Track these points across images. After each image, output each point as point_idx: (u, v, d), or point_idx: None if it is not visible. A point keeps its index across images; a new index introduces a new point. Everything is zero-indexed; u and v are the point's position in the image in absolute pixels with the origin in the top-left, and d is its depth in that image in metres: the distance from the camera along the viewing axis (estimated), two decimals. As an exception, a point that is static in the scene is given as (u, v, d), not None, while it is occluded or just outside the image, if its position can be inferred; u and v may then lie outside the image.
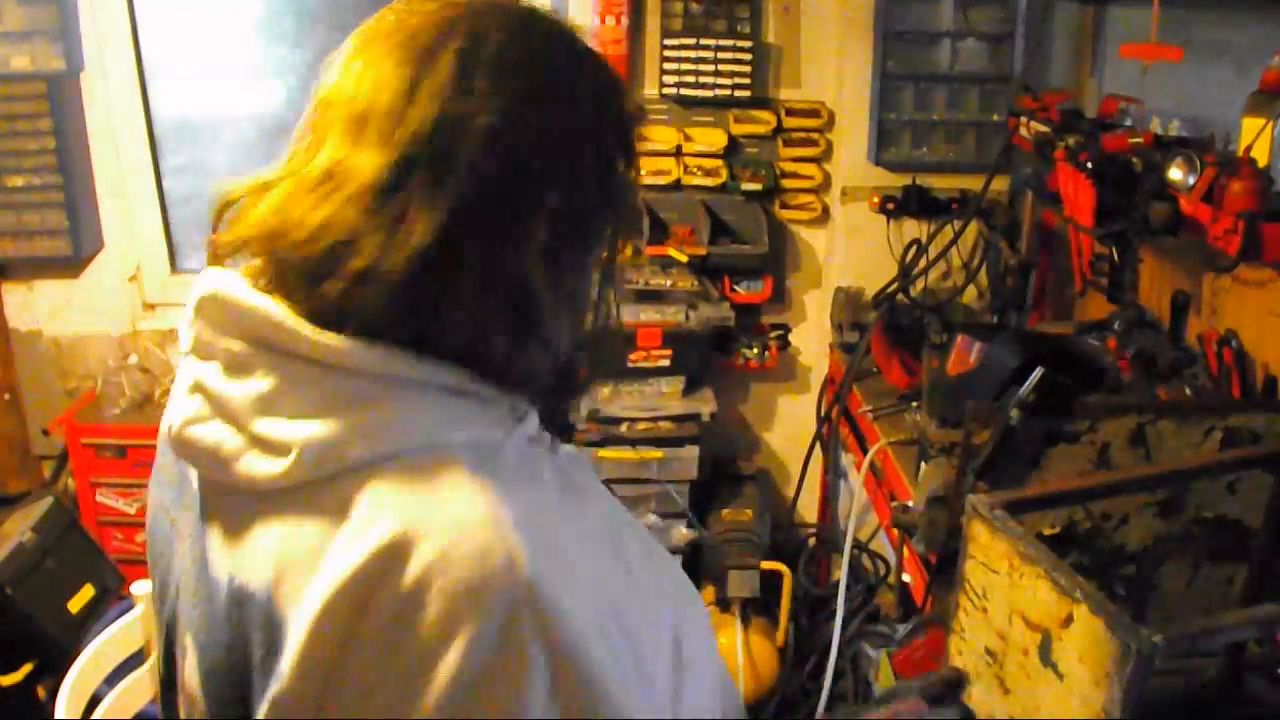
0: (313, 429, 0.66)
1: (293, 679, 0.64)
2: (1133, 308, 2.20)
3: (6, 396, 2.98)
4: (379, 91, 0.70)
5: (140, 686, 1.75)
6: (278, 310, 0.68)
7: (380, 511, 0.64)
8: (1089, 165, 2.02)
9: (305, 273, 0.68)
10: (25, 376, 3.07)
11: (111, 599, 2.60)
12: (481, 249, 0.69)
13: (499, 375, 0.71)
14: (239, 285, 0.71)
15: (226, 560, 0.71)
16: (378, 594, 0.62)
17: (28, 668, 2.37)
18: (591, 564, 0.68)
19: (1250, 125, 1.80)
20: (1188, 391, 1.95)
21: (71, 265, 3.04)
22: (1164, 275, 2.21)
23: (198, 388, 0.72)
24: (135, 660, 1.76)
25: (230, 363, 0.70)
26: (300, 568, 0.65)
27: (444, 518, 0.64)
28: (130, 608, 1.77)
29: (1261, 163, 1.75)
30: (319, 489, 0.66)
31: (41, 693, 2.38)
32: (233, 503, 0.71)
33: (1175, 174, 1.83)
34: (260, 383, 0.68)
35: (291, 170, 0.73)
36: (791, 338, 3.21)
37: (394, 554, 0.63)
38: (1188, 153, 1.82)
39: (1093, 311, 2.44)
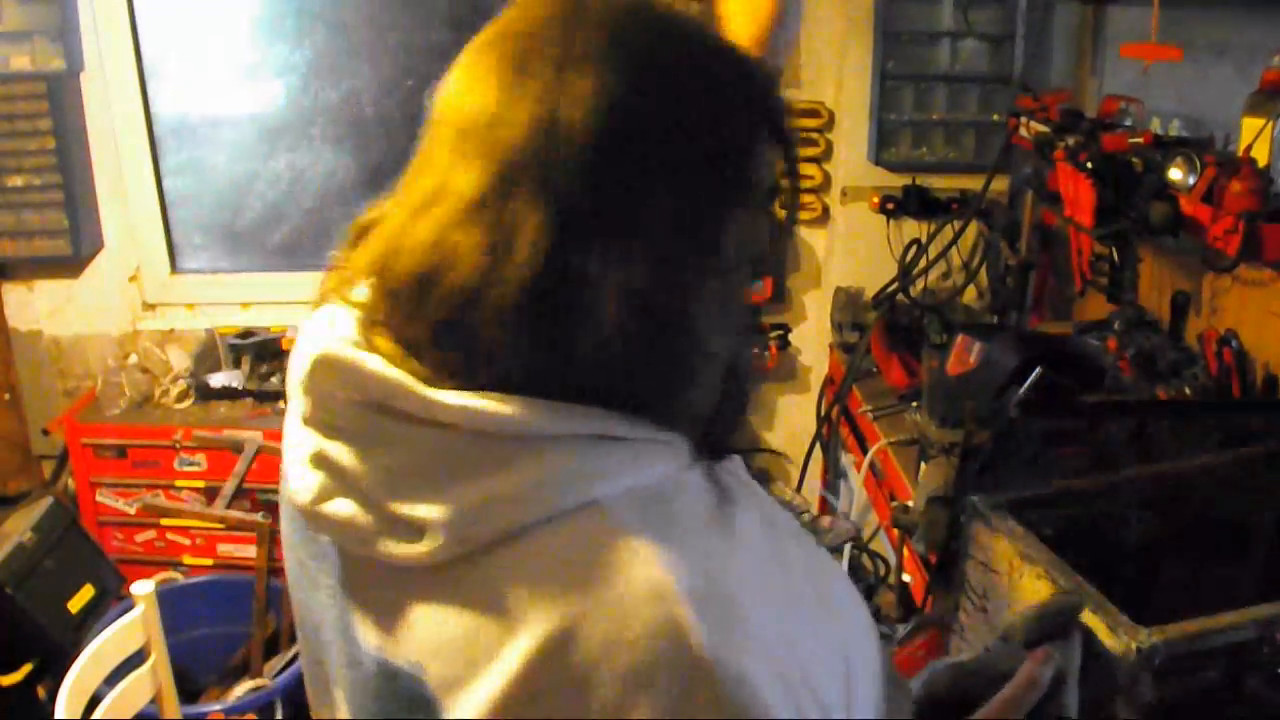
0: (449, 505, 0.60)
1: None
2: (1133, 308, 2.20)
3: (6, 396, 2.98)
4: (477, 101, 0.64)
5: (140, 686, 1.75)
6: (395, 373, 0.62)
7: (536, 601, 0.59)
8: (1089, 165, 2.02)
9: (412, 306, 0.63)
10: (25, 376, 3.07)
11: (111, 599, 2.60)
12: (600, 261, 0.61)
13: (649, 410, 0.64)
14: (349, 345, 0.65)
15: (373, 635, 0.66)
16: (546, 691, 0.58)
17: (28, 668, 2.37)
18: (765, 610, 0.62)
19: (1250, 125, 1.80)
20: (1188, 391, 1.95)
21: (71, 265, 3.04)
22: (1164, 275, 2.21)
23: (321, 461, 0.66)
24: (135, 660, 1.76)
25: (353, 434, 0.64)
26: (454, 658, 0.61)
27: (605, 598, 0.58)
28: (130, 608, 1.77)
29: (1261, 163, 1.75)
30: (465, 567, 0.61)
31: (41, 693, 2.38)
32: (375, 576, 0.66)
33: (1175, 174, 1.83)
34: (388, 456, 0.63)
35: (404, 195, 0.67)
36: (791, 338, 3.21)
37: (559, 648, 0.58)
38: (1188, 153, 1.82)
39: (1093, 311, 2.44)
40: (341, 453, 0.64)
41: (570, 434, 0.61)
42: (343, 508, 0.64)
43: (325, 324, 0.68)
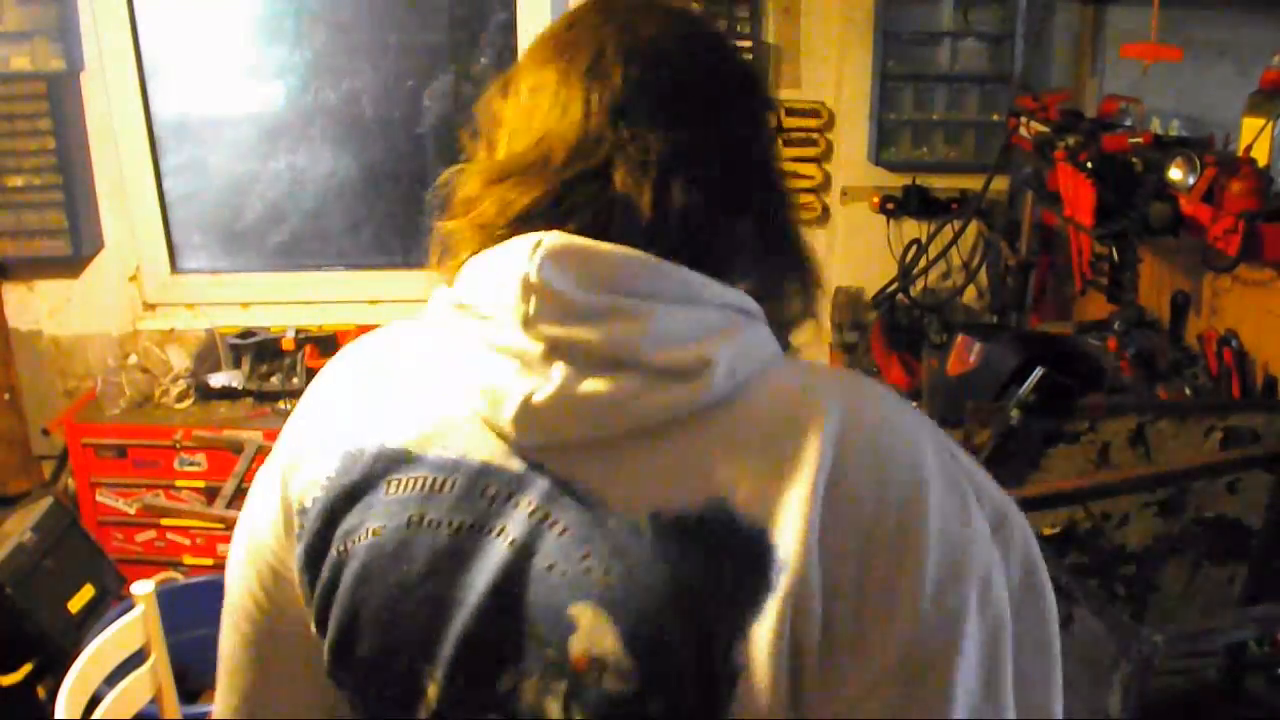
0: (717, 349, 0.68)
1: (798, 573, 0.64)
2: (1133, 308, 2.20)
3: (6, 396, 2.98)
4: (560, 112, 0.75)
5: (140, 686, 1.75)
6: (636, 252, 0.69)
7: (808, 407, 0.68)
8: (1089, 165, 2.02)
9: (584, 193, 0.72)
10: (25, 376, 3.07)
11: (111, 599, 2.60)
12: (705, 173, 0.73)
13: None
14: (578, 239, 0.70)
15: (631, 501, 0.68)
16: (852, 467, 0.66)
17: (28, 668, 2.37)
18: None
19: (1250, 125, 1.80)
20: (1188, 391, 1.95)
21: (71, 265, 3.04)
22: (1164, 275, 2.21)
23: (561, 349, 0.68)
24: (135, 660, 1.76)
25: (600, 314, 0.68)
26: (760, 471, 0.66)
27: (859, 390, 0.72)
28: (130, 608, 1.77)
29: (1261, 163, 1.76)
30: (725, 407, 0.69)
31: (41, 693, 2.38)
32: (592, 454, 0.70)
33: (1175, 174, 1.83)
34: (642, 325, 0.68)
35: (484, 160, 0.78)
36: (792, 338, 3.20)
37: (851, 426, 0.68)
38: (1188, 153, 1.82)
39: (1093, 311, 2.44)
40: (591, 333, 0.68)
41: (753, 312, 0.75)
42: (597, 385, 0.68)
43: (503, 252, 0.71)
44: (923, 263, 2.85)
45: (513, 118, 0.77)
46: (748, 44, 2.94)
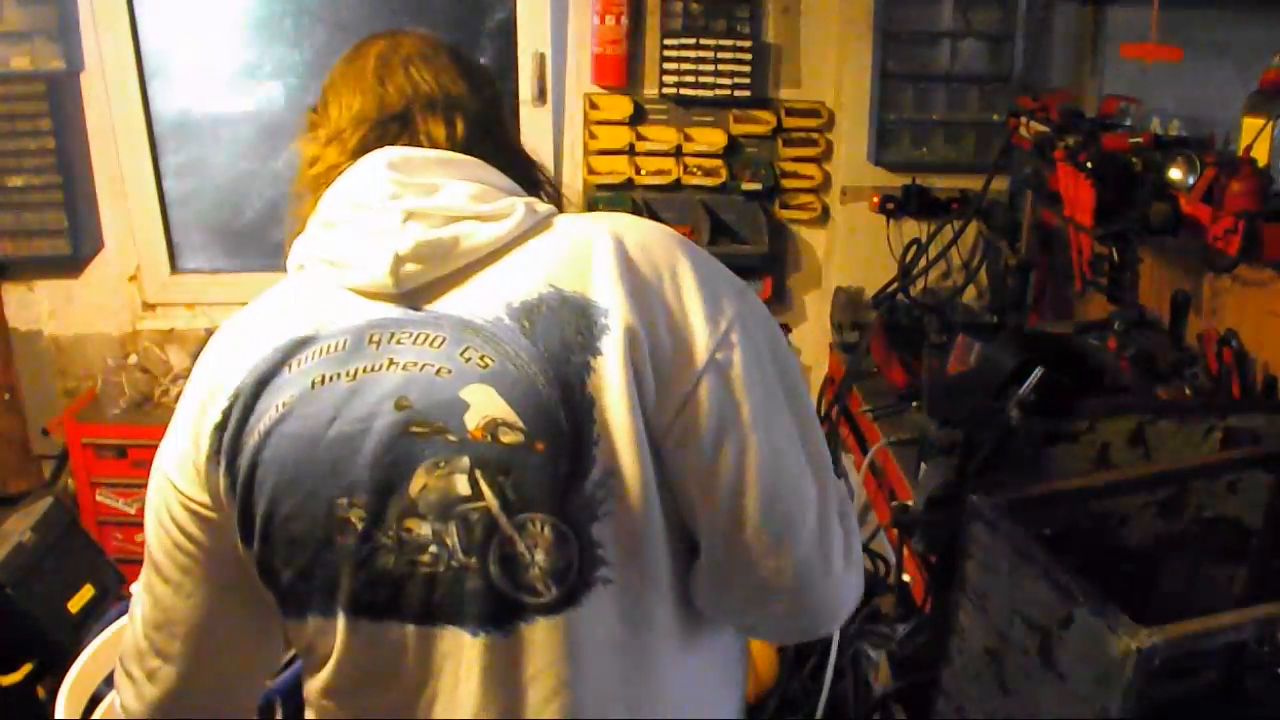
0: (516, 204, 0.97)
1: (620, 313, 0.90)
2: (1133, 308, 2.20)
3: (6, 396, 2.98)
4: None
5: (140, 686, 1.74)
6: (445, 152, 1.02)
7: (593, 229, 0.96)
8: (1089, 165, 2.02)
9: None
10: (25, 376, 3.07)
11: (111, 599, 2.60)
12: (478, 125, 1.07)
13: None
14: (406, 152, 1.00)
15: (487, 305, 0.93)
16: (630, 251, 0.94)
17: (28, 668, 2.36)
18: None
19: (1250, 125, 1.80)
20: (1188, 391, 1.95)
21: (71, 265, 3.04)
22: (1164, 275, 2.21)
23: (407, 220, 0.94)
24: (135, 660, 1.75)
25: (437, 181, 0.97)
26: (571, 270, 0.93)
27: (621, 217, 1.00)
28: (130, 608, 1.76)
29: (1261, 163, 1.75)
30: (532, 234, 0.97)
31: (41, 693, 2.38)
32: (450, 284, 0.95)
33: (1175, 174, 1.83)
34: (465, 188, 0.97)
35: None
36: (791, 338, 3.21)
37: (625, 228, 0.97)
38: (1188, 153, 1.82)
39: (1093, 311, 2.44)
40: (430, 201, 0.96)
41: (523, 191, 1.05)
42: (443, 233, 0.94)
43: (354, 170, 1.00)
44: (923, 263, 2.85)
45: (334, 106, 1.07)
46: (748, 44, 2.94)
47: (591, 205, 3.02)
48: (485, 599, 0.89)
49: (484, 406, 0.89)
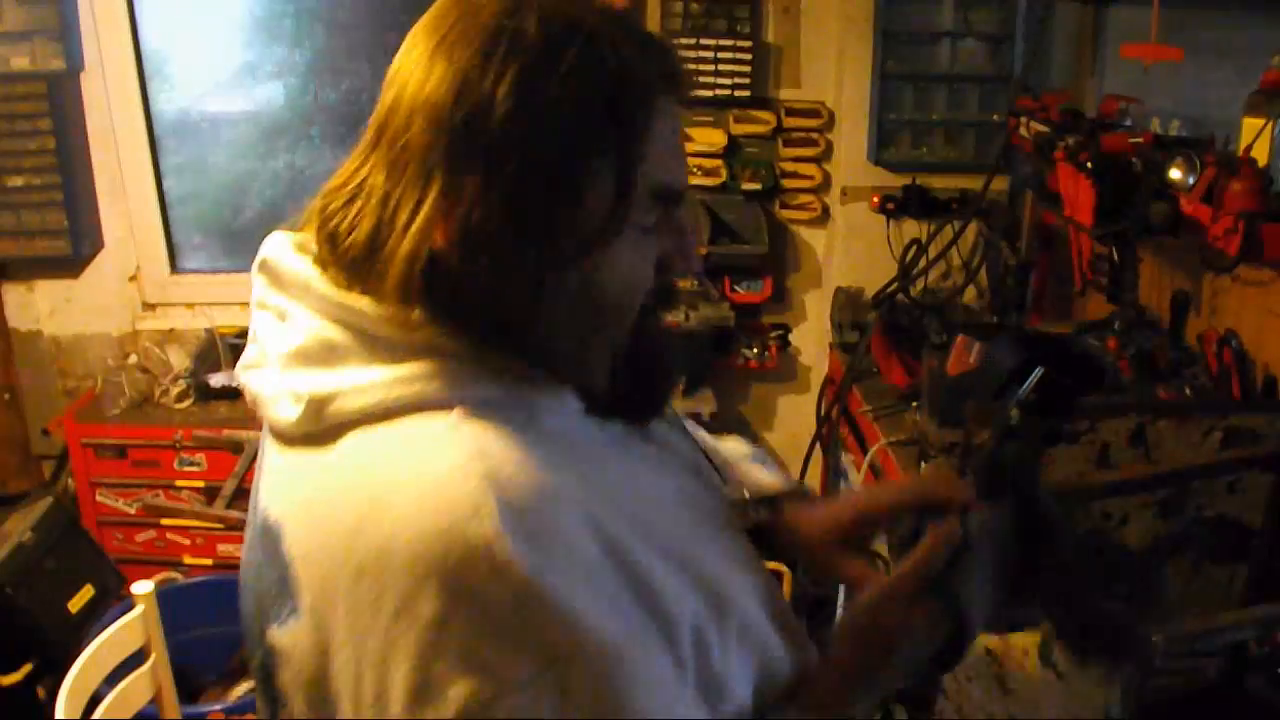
0: (321, 381, 0.74)
1: (307, 621, 0.71)
2: (1133, 308, 2.20)
3: (6, 396, 2.98)
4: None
5: (140, 686, 1.75)
6: (307, 269, 0.78)
7: (361, 467, 0.71)
8: (1089, 165, 2.02)
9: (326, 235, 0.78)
10: (25, 376, 3.07)
11: (111, 599, 2.60)
12: (444, 214, 0.73)
13: (511, 345, 0.76)
14: (286, 248, 0.80)
15: (262, 492, 0.79)
16: (359, 547, 0.68)
17: (28, 668, 2.37)
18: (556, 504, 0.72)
19: (1250, 125, 1.80)
20: (1188, 391, 1.95)
21: (71, 265, 3.04)
22: (1164, 275, 2.21)
23: (255, 336, 0.81)
24: (135, 660, 1.76)
25: (277, 314, 0.79)
26: (307, 523, 0.72)
27: (418, 473, 0.69)
28: (130, 608, 1.77)
29: (1261, 163, 1.75)
30: (323, 437, 0.73)
31: (41, 693, 2.38)
32: (275, 440, 0.79)
33: (1175, 174, 1.83)
34: (292, 335, 0.76)
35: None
36: (791, 338, 3.21)
37: (373, 508, 0.68)
38: (1188, 153, 1.82)
39: (1093, 311, 2.44)
40: (269, 329, 0.79)
41: (430, 346, 0.74)
42: (259, 375, 0.79)
43: (272, 239, 0.83)
44: (923, 263, 2.85)
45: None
46: (748, 44, 2.94)
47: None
48: None
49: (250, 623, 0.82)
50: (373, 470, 0.70)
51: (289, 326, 0.77)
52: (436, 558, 0.65)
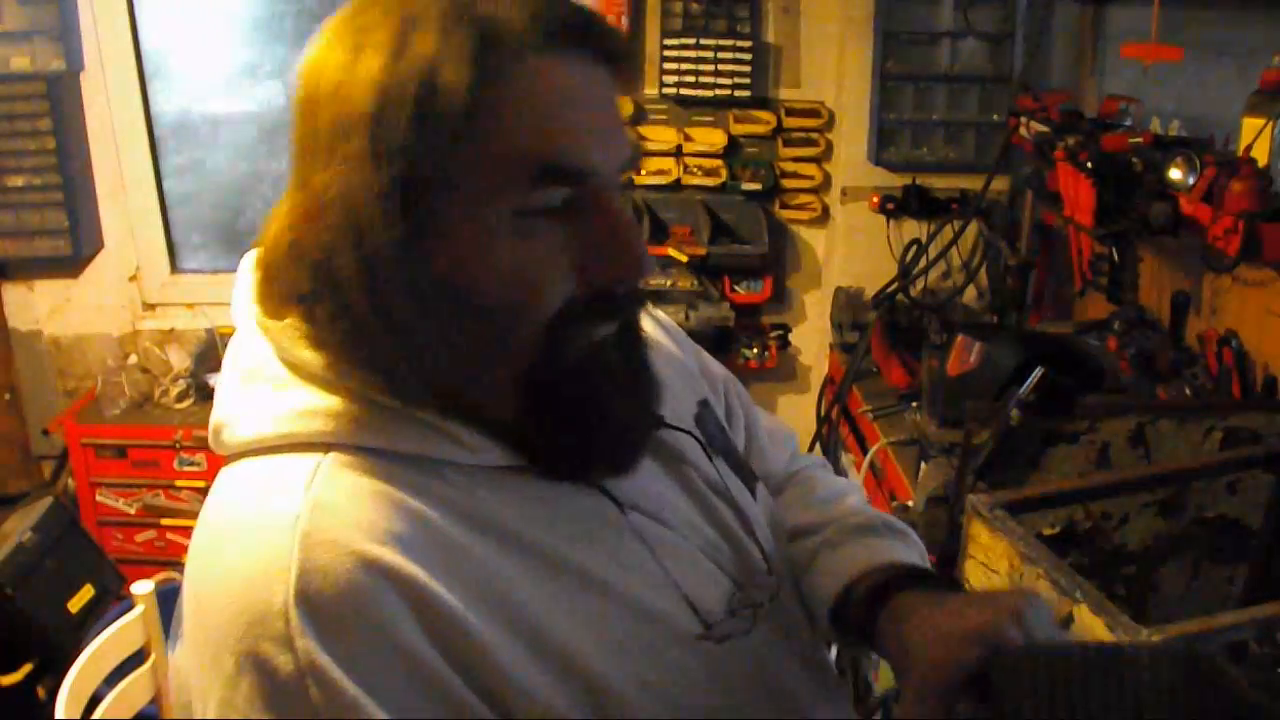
0: (226, 406, 0.73)
1: (179, 650, 0.71)
2: (1133, 308, 2.20)
3: (6, 396, 2.98)
4: None
5: (140, 686, 1.75)
6: (243, 292, 0.75)
7: (218, 504, 0.70)
8: (1089, 165, 2.02)
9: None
10: (25, 376, 3.06)
11: (111, 599, 2.60)
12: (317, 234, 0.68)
13: (404, 373, 0.68)
14: (248, 262, 0.77)
15: None
16: (197, 591, 0.68)
17: (28, 668, 2.36)
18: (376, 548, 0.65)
19: (1250, 125, 1.80)
20: (1188, 391, 1.95)
21: (71, 265, 3.04)
22: (1164, 275, 2.21)
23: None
24: (135, 660, 1.76)
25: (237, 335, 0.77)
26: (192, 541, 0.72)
27: (252, 522, 0.66)
28: (130, 608, 1.77)
29: (1261, 163, 1.75)
30: (227, 462, 0.73)
31: (41, 693, 2.38)
32: None
33: (1175, 174, 1.83)
34: (239, 357, 0.75)
35: None
36: (791, 338, 3.21)
37: (210, 551, 0.68)
38: (1188, 153, 1.82)
39: (1093, 311, 2.44)
40: (231, 351, 0.77)
41: (341, 384, 0.69)
42: (218, 391, 0.78)
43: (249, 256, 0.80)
44: (923, 263, 2.85)
45: None
46: (748, 44, 2.94)
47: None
48: None
49: None
50: (221, 509, 0.69)
51: (233, 343, 0.76)
52: (239, 615, 0.63)
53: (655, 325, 0.94)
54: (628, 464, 0.77)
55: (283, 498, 0.66)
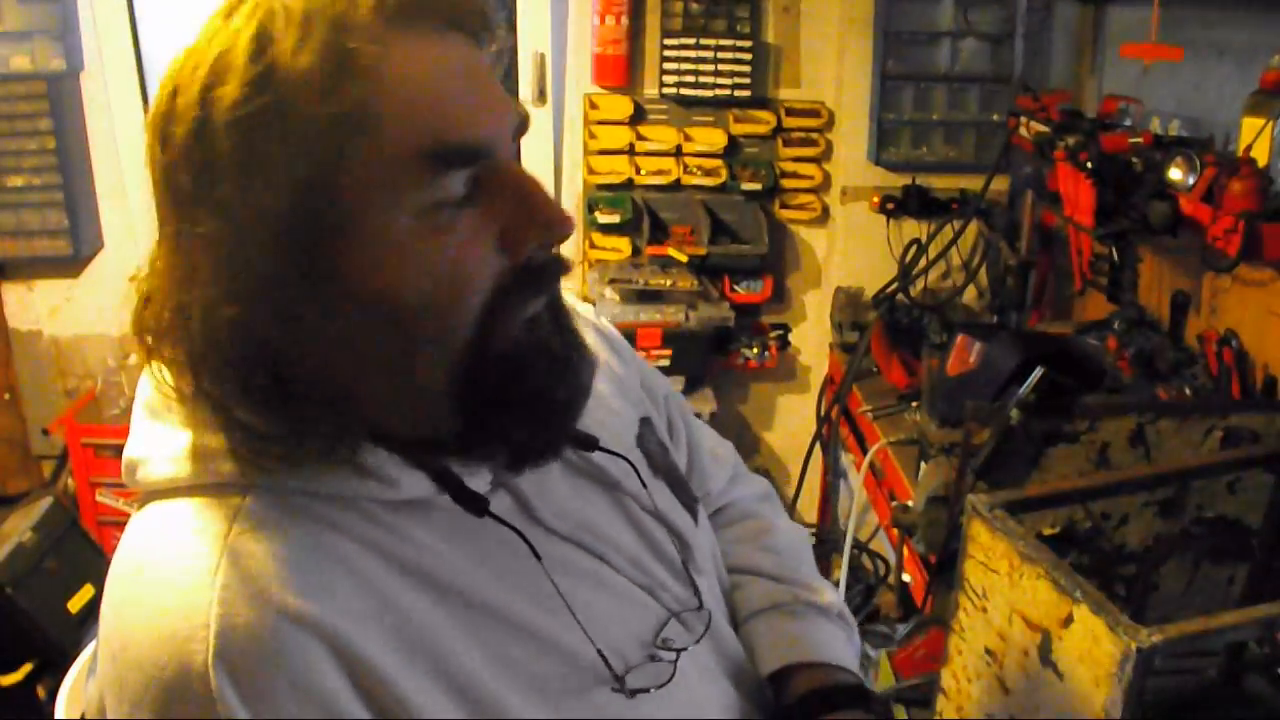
0: (137, 444, 0.71)
1: (94, 690, 0.72)
2: (1133, 308, 2.20)
3: (6, 396, 2.98)
4: None
5: (140, 686, 1.74)
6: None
7: (132, 548, 0.68)
8: (1089, 165, 2.02)
9: None
10: (25, 376, 3.07)
11: (111, 599, 2.60)
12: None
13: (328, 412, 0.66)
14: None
15: None
16: (111, 635, 0.66)
17: (28, 668, 2.36)
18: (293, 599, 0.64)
19: (1250, 125, 1.80)
20: (1188, 391, 1.95)
21: (71, 265, 3.04)
22: (1164, 275, 2.21)
23: None
24: (135, 660, 1.75)
25: None
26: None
27: (169, 572, 0.64)
28: (130, 608, 1.76)
29: (1261, 163, 1.76)
30: (140, 501, 0.71)
31: (41, 693, 2.38)
32: None
33: (1175, 174, 1.83)
34: (146, 389, 0.73)
35: None
36: (791, 338, 3.21)
37: (124, 600, 0.66)
38: (1188, 153, 1.82)
39: (1093, 311, 2.44)
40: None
41: (232, 418, 0.65)
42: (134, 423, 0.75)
43: None
44: (923, 263, 2.85)
45: None
46: (748, 44, 2.94)
47: (592, 205, 3.02)
48: None
49: None
50: (136, 557, 0.66)
51: (144, 373, 0.71)
52: (157, 671, 0.61)
53: (598, 337, 0.91)
54: (558, 447, 0.75)
55: (200, 547, 0.64)
